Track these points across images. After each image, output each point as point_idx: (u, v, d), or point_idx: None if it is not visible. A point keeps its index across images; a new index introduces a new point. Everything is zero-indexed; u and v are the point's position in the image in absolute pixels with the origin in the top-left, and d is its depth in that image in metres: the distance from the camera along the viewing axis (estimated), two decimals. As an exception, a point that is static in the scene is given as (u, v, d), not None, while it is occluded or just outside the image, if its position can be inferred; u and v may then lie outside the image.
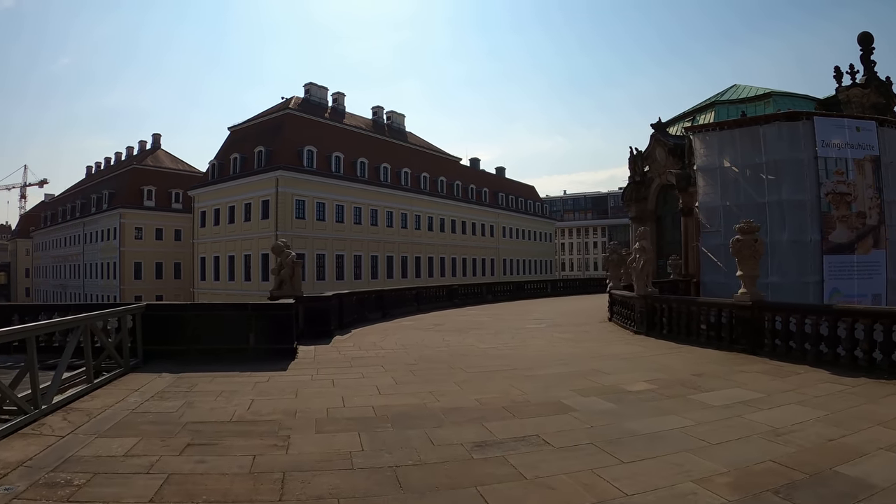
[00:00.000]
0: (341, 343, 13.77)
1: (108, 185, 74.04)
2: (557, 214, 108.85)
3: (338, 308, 16.61)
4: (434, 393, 7.96)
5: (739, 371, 9.64)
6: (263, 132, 53.31)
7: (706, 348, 12.09)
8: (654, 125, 39.84)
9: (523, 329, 16.67)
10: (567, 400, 7.56)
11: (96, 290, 73.73)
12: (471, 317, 21.45)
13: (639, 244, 14.36)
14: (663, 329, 13.90)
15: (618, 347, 12.54)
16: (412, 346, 12.96)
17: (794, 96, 38.30)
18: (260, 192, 50.50)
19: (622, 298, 16.29)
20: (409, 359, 11.12)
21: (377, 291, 21.36)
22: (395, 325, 18.45)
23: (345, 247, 53.46)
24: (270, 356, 11.31)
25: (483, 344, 13.22)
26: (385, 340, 14.25)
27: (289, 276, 14.44)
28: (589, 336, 14.69)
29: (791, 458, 5.32)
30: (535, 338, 14.38)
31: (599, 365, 10.15)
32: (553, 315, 21.62)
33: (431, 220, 64.29)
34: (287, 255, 14.56)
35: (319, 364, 10.72)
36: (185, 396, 7.96)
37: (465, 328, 16.97)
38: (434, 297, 26.61)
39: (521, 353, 11.79)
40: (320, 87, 61.42)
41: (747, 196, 29.89)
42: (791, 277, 30.39)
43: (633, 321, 15.24)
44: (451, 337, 14.79)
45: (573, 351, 12.01)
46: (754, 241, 11.72)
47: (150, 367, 10.16)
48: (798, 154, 30.70)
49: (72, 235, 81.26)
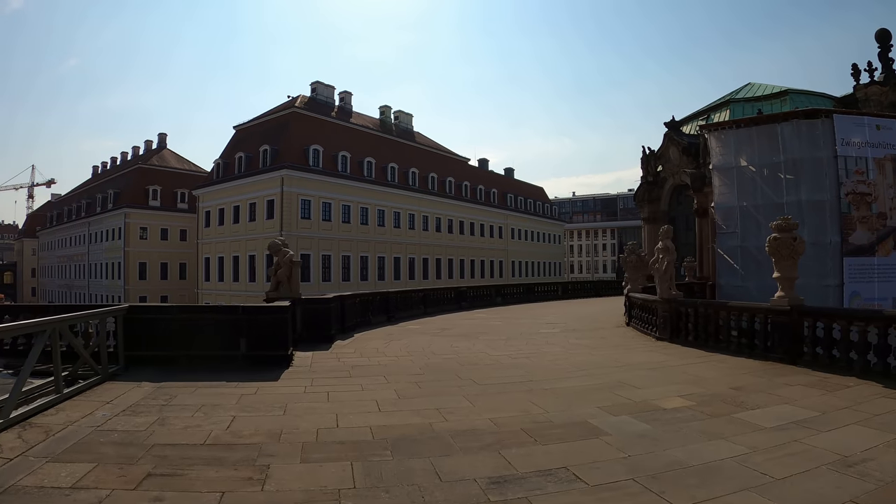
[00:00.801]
0: (342, 349, 12.82)
1: (113, 185, 73.70)
2: (566, 216, 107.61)
3: (339, 311, 15.67)
4: (442, 410, 6.99)
5: (783, 384, 8.62)
6: (269, 131, 52.62)
7: (738, 357, 11.07)
8: (668, 124, 38.75)
9: (536, 334, 15.65)
10: (595, 420, 6.57)
11: (101, 290, 73.39)
12: (480, 320, 20.46)
13: (662, 244, 13.32)
14: (689, 335, 12.86)
15: (641, 355, 11.52)
16: (418, 353, 11.99)
17: (810, 94, 37.13)
18: (265, 192, 49.78)
19: (642, 302, 15.25)
20: (414, 368, 10.15)
21: (382, 293, 20.40)
22: (401, 329, 17.50)
23: (351, 248, 52.62)
24: (263, 364, 10.41)
25: (495, 351, 12.22)
26: (389, 346, 13.29)
27: (286, 276, 13.51)
28: (608, 342, 13.65)
29: (874, 498, 4.33)
30: (549, 344, 13.35)
31: (625, 376, 9.15)
32: (566, 319, 20.58)
33: (439, 221, 63.33)
34: (285, 254, 13.63)
35: (315, 373, 9.77)
36: (159, 411, 7.05)
37: (474, 333, 15.98)
38: (442, 299, 25.63)
39: (536, 361, 10.78)
40: (327, 85, 60.69)
41: (765, 196, 28.75)
42: (810, 280, 29.06)
43: (654, 326, 14.21)
44: (460, 343, 13.81)
45: (593, 359, 10.99)
46: (793, 239, 10.70)
47: (131, 375, 9.29)
48: (817, 153, 29.49)
49: (77, 235, 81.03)
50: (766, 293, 26.03)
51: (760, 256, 29.41)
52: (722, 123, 33.14)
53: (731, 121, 32.55)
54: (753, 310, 11.30)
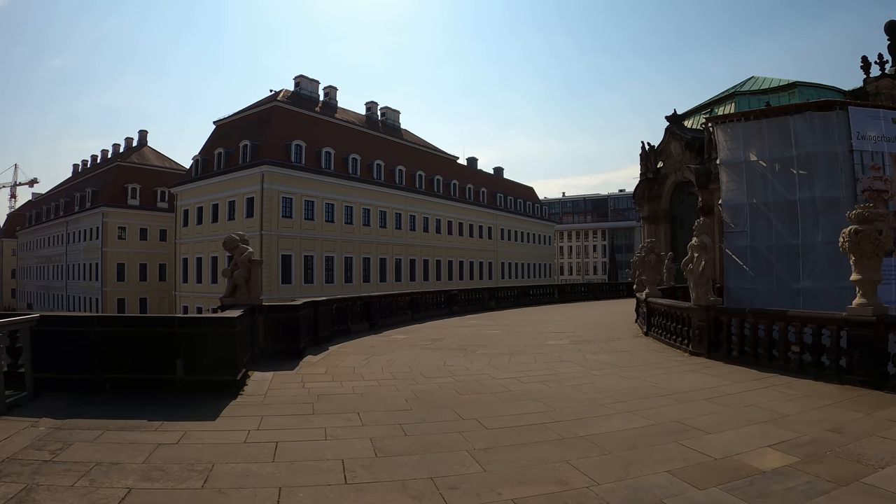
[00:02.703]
0: (310, 368, 10.42)
1: (91, 184, 70.83)
2: (556, 217, 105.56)
3: (311, 319, 13.28)
4: (439, 482, 4.63)
5: (889, 422, 6.41)
6: (250, 126, 50.06)
7: (802, 378, 8.86)
8: (670, 118, 36.69)
9: (543, 346, 13.31)
10: (674, 500, 4.27)
11: (79, 292, 70.95)
12: (475, 328, 18.09)
13: (698, 240, 11.08)
14: (732, 350, 10.62)
15: (684, 378, 9.24)
16: (403, 375, 9.60)
17: (820, 87, 35.26)
18: (245, 189, 47.23)
19: (668, 309, 12.99)
20: (398, 399, 7.78)
21: (363, 298, 17.91)
22: (384, 339, 15.08)
23: (335, 248, 50.15)
24: (204, 391, 8.07)
25: (499, 372, 9.84)
26: (368, 364, 10.90)
27: (244, 278, 11.09)
28: (634, 359, 11.32)
29: None
30: (564, 361, 10.99)
31: (680, 412, 6.87)
32: (572, 326, 18.26)
33: (427, 221, 60.97)
34: (243, 252, 11.21)
35: (268, 407, 7.39)
36: (33, 474, 4.71)
37: (470, 345, 13.58)
38: (431, 303, 23.25)
39: (555, 388, 8.43)
40: (311, 80, 58.15)
41: (776, 193, 26.69)
42: (826, 282, 27.02)
43: (685, 338, 11.97)
44: (455, 359, 11.43)
45: (627, 384, 8.69)
46: (878, 232, 8.49)
47: (36, 406, 7.10)
48: (832, 147, 27.43)
49: (55, 235, 77.99)
50: (777, 297, 23.97)
51: (771, 257, 27.36)
52: (729, 115, 31.08)
53: (739, 113, 30.54)
54: (823, 320, 9.09)
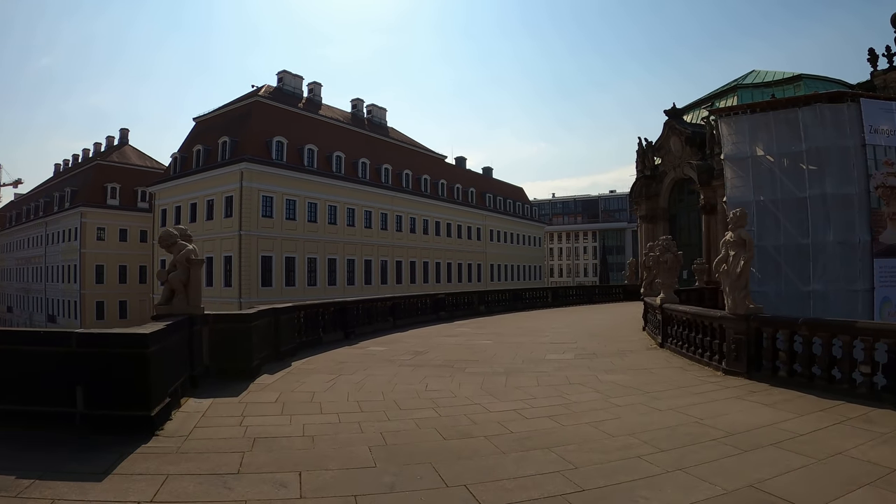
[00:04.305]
0: (259, 394, 8.35)
1: (70, 183, 68.46)
2: (546, 218, 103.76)
3: (271, 330, 11.20)
4: None
5: None
6: (230, 122, 47.88)
7: (880, 408, 6.99)
8: (669, 112, 34.94)
9: (545, 362, 11.27)
10: None
11: (57, 294, 68.66)
12: (464, 338, 15.99)
13: (734, 234, 9.12)
14: (778, 369, 8.70)
15: (729, 408, 7.26)
16: (373, 406, 7.51)
17: (826, 80, 33.71)
18: (223, 188, 44.99)
19: (692, 318, 11.02)
20: (360, 447, 5.71)
21: (337, 304, 15.71)
22: (359, 352, 12.96)
23: (318, 249, 47.98)
24: (112, 429, 6.11)
25: (495, 401, 7.71)
26: (333, 388, 8.80)
27: (181, 282, 9.01)
28: (657, 379, 9.28)
29: None
30: (572, 383, 8.92)
31: (750, 469, 4.94)
32: (573, 335, 16.20)
33: (414, 221, 58.89)
34: (181, 249, 9.13)
35: (182, 459, 5.37)
36: None
37: (458, 360, 11.49)
38: (415, 308, 21.14)
39: (570, 428, 6.31)
40: (295, 75, 56.02)
41: (785, 190, 25.01)
42: (837, 284, 25.38)
43: (715, 353, 10.02)
44: (440, 381, 9.34)
45: (661, 419, 6.70)
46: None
47: None
48: (843, 141, 25.78)
49: (34, 236, 75.35)
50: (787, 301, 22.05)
51: (779, 257, 25.46)
52: (735, 108, 29.32)
53: (744, 104, 28.85)
54: (905, 334, 7.18)
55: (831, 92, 27.58)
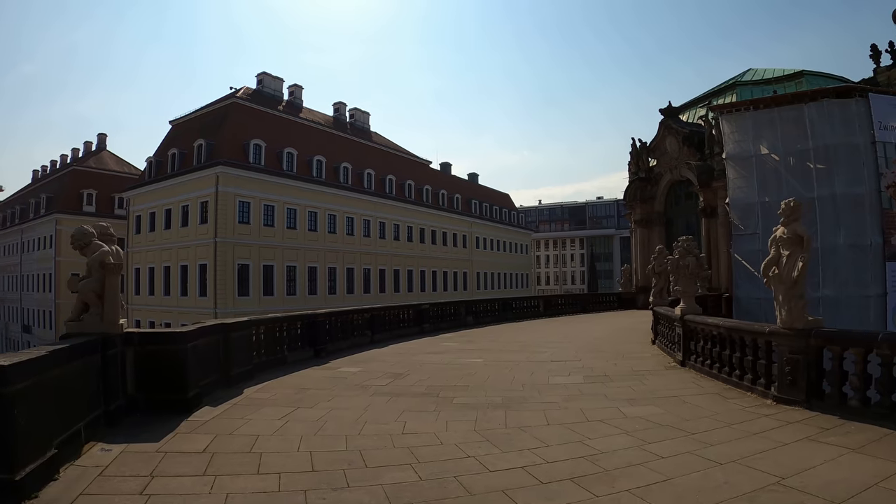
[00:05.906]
0: (185, 440, 6.41)
1: (47, 190, 66.08)
2: (533, 225, 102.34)
3: (218, 351, 9.23)
4: None
5: None
6: (207, 125, 45.78)
7: None
8: (664, 111, 33.45)
9: (549, 388, 9.36)
10: None
11: (33, 304, 65.99)
12: (450, 355, 14.06)
13: (788, 231, 7.32)
14: (848, 398, 6.90)
15: (804, 455, 5.50)
16: (330, 461, 5.59)
17: (828, 76, 32.37)
18: (198, 193, 42.90)
19: (728, 333, 9.17)
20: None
21: (307, 317, 13.62)
22: (328, 375, 11.00)
23: (297, 257, 45.92)
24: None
25: (494, 453, 5.70)
26: (283, 431, 6.84)
27: (94, 293, 7.04)
28: (694, 413, 7.32)
29: None
30: (591, 420, 7.02)
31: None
32: (575, 351, 14.30)
33: (397, 228, 56.98)
34: (95, 251, 7.15)
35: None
36: None
37: (444, 387, 9.57)
38: (396, 321, 19.19)
39: (606, 500, 4.49)
40: (275, 77, 54.07)
41: (791, 190, 23.48)
42: (848, 290, 23.92)
43: (758, 376, 8.22)
44: (422, 419, 7.37)
45: (723, 477, 4.85)
46: None
47: None
48: (852, 138, 24.42)
49: (10, 244, 72.56)
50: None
51: (786, 263, 23.87)
52: (736, 104, 27.89)
53: (747, 101, 27.39)
54: None
55: (838, 87, 26.21)
